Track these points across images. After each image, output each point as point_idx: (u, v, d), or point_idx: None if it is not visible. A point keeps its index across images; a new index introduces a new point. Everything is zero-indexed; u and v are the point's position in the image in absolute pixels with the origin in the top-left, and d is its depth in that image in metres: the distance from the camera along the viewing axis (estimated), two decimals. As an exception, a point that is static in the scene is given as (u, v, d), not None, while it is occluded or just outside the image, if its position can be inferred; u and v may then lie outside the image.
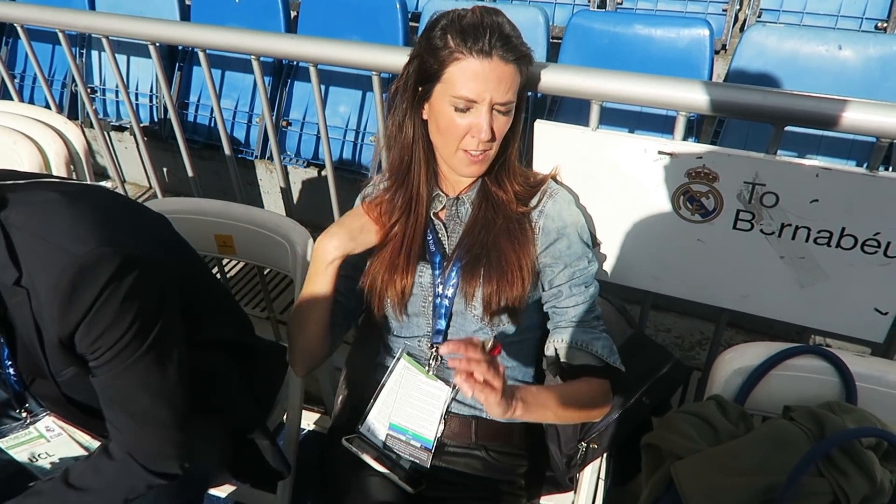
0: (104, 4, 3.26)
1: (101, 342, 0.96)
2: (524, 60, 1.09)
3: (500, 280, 1.15)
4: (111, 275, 0.93)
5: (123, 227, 1.02)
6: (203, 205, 1.61)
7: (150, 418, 1.06)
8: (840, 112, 1.08)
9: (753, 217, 1.23)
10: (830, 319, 1.30)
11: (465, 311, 1.19)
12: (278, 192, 3.05)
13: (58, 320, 0.93)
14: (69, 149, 1.97)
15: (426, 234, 1.22)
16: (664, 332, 2.35)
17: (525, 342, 1.26)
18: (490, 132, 1.09)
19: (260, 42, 1.58)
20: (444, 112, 1.10)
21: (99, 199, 1.05)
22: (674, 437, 1.08)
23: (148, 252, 1.01)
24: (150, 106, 3.27)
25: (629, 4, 3.09)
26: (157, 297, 1.02)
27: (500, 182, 1.20)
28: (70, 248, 0.92)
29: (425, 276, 1.21)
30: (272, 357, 1.48)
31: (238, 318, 1.40)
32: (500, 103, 1.08)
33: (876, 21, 2.70)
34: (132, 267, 0.95)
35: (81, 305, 0.92)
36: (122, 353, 0.98)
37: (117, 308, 0.95)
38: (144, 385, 1.03)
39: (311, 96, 2.93)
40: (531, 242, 1.18)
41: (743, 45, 2.12)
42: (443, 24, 1.08)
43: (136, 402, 1.04)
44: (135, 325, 0.97)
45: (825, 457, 0.95)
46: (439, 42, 1.07)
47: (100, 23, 1.78)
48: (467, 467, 1.24)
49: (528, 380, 1.30)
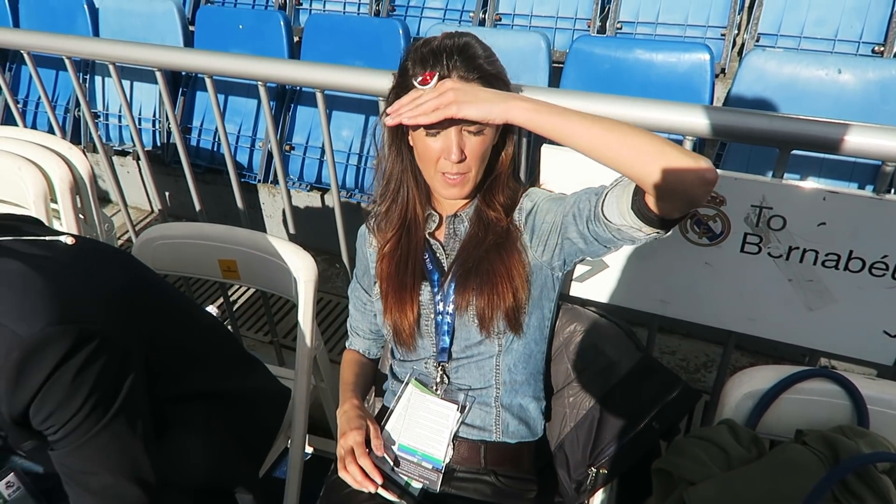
0: (108, 31, 3.29)
1: (53, 420, 0.92)
2: (490, 80, 1.09)
3: (490, 292, 1.17)
4: (62, 355, 0.89)
5: (79, 296, 0.97)
6: (207, 230, 1.61)
7: (112, 496, 1.01)
8: (848, 136, 1.09)
9: (761, 240, 1.23)
10: (839, 342, 1.30)
11: (467, 325, 1.21)
12: (280, 216, 3.06)
13: (6, 401, 0.90)
14: (74, 174, 1.97)
15: (423, 254, 1.25)
16: (669, 354, 2.34)
17: (532, 356, 1.26)
18: (460, 153, 1.10)
19: (268, 69, 1.59)
20: (419, 138, 1.13)
21: (57, 265, 1.00)
22: (686, 463, 1.07)
23: (107, 320, 0.97)
24: (152, 130, 3.29)
25: (629, 29, 3.13)
26: (115, 369, 0.98)
27: (489, 202, 1.22)
28: (15, 328, 0.88)
29: (425, 295, 1.23)
30: (265, 401, 1.45)
31: (224, 362, 1.36)
32: (469, 123, 1.08)
33: (872, 45, 2.73)
34: (85, 343, 0.92)
35: (30, 387, 0.89)
36: (78, 429, 0.94)
37: (68, 386, 0.91)
38: (104, 461, 0.99)
39: (313, 120, 2.96)
40: (521, 250, 1.19)
41: (743, 69, 2.14)
42: (410, 55, 1.12)
43: (97, 479, 0.99)
44: (89, 400, 0.93)
45: (840, 482, 0.94)
46: (406, 71, 1.11)
47: (108, 50, 1.80)
48: (476, 493, 1.23)
49: (537, 395, 1.29)
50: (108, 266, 1.11)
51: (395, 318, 1.24)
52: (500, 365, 1.22)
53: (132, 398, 1.01)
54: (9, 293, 0.91)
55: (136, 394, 1.01)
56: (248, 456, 1.39)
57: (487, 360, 1.22)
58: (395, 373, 1.35)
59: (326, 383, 1.71)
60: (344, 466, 1.17)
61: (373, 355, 1.46)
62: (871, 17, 2.72)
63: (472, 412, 1.24)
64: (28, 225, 1.08)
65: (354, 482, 1.15)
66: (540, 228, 1.18)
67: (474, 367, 1.23)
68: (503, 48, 2.57)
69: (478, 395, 1.24)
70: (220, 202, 2.96)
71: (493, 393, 1.24)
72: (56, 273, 0.97)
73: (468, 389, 1.24)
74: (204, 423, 1.24)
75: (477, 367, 1.23)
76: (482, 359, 1.22)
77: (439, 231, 1.28)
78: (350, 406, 1.27)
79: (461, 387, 1.25)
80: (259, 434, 1.44)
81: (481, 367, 1.23)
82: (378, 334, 1.43)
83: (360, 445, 1.18)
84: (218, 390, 1.29)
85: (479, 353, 1.22)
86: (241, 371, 1.39)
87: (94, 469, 0.98)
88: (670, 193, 0.91)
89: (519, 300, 1.17)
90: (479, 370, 1.23)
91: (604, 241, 1.07)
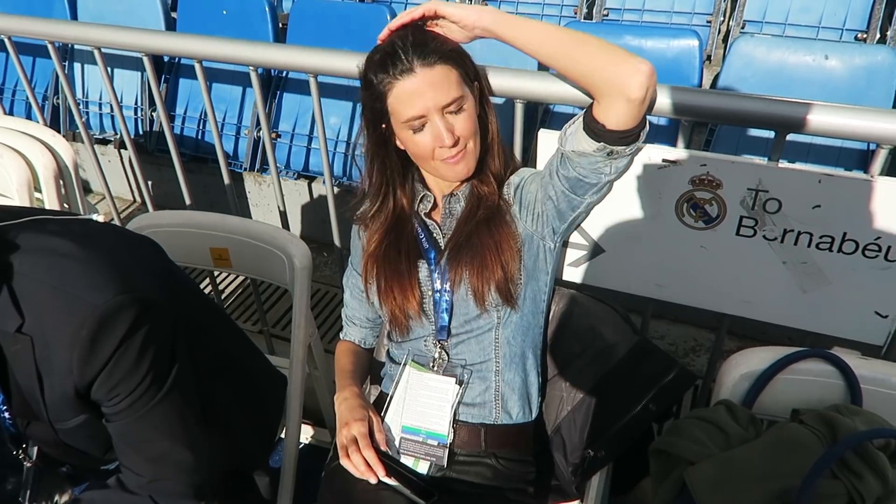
0: (87, 16, 3.22)
1: (120, 389, 0.96)
2: (450, 56, 1.13)
3: (480, 265, 1.19)
4: (130, 324, 0.92)
5: (133, 270, 1.01)
6: (198, 217, 1.59)
7: (169, 462, 1.05)
8: (845, 119, 1.11)
9: (756, 223, 1.24)
10: (831, 323, 1.31)
11: (464, 300, 1.22)
12: (267, 205, 3.04)
13: (76, 370, 0.92)
14: (58, 162, 1.94)
15: (417, 238, 1.27)
16: (658, 339, 2.36)
17: (530, 328, 1.28)
18: (452, 136, 1.13)
19: (262, 53, 1.57)
20: (407, 138, 1.15)
21: (104, 239, 1.03)
22: (685, 443, 1.08)
23: (157, 294, 1.00)
24: (134, 119, 3.24)
25: (615, 16, 3.13)
26: (170, 340, 1.02)
27: (483, 175, 1.25)
28: (87, 297, 0.91)
29: (423, 273, 1.25)
30: (269, 386, 1.47)
31: (234, 338, 1.39)
32: (446, 105, 1.12)
33: (856, 32, 2.76)
34: (147, 313, 0.95)
35: (102, 355, 0.92)
36: (141, 398, 0.98)
37: (136, 355, 0.94)
38: (164, 430, 1.03)
39: (300, 107, 2.93)
40: (509, 223, 1.22)
41: (731, 55, 2.16)
42: (367, 68, 1.14)
43: (155, 447, 1.03)
44: (151, 371, 0.97)
45: (839, 459, 0.96)
46: (371, 83, 1.13)
47: (94, 34, 1.76)
48: (478, 476, 1.24)
49: (535, 370, 1.31)
50: (143, 245, 1.15)
51: (393, 306, 1.26)
52: (500, 338, 1.24)
53: (185, 368, 1.05)
54: (74, 265, 0.93)
55: (186, 365, 1.06)
56: (261, 439, 1.41)
57: (486, 333, 1.24)
58: (392, 356, 1.36)
59: (320, 371, 1.70)
60: (346, 455, 1.17)
61: (368, 345, 1.46)
62: (854, 5, 2.76)
63: (472, 388, 1.26)
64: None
65: (357, 471, 1.15)
66: (526, 199, 1.22)
67: (474, 342, 1.25)
68: (493, 34, 2.52)
69: (476, 370, 1.25)
70: (206, 191, 2.93)
71: (493, 367, 1.25)
72: (108, 247, 1.00)
73: (466, 365, 1.26)
74: (225, 401, 1.26)
75: (477, 341, 1.25)
76: (481, 332, 1.24)
77: (436, 211, 1.30)
78: (350, 393, 1.27)
79: (460, 362, 1.26)
80: (267, 418, 1.45)
81: (481, 340, 1.24)
82: (374, 323, 1.43)
83: (364, 437, 1.18)
84: (232, 365, 1.32)
85: (478, 327, 1.24)
86: (247, 350, 1.41)
87: (154, 437, 1.02)
88: (606, 84, 1.02)
89: (509, 272, 1.20)
90: (478, 344, 1.25)
91: (573, 183, 1.14)
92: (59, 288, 0.92)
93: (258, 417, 1.40)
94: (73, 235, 0.98)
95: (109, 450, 1.13)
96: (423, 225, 1.28)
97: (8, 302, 0.91)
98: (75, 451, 1.14)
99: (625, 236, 1.36)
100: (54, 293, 0.92)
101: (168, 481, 1.06)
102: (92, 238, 1.00)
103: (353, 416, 1.21)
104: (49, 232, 0.98)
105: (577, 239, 1.40)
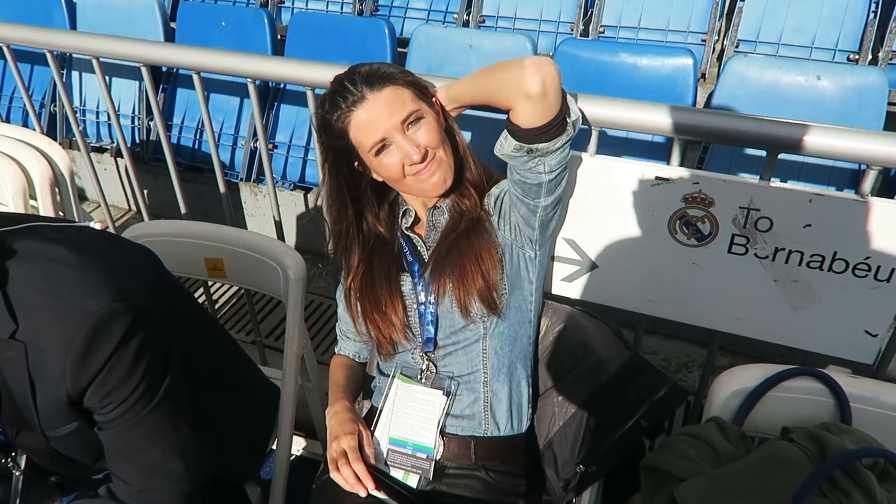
0: (86, 25, 3.23)
1: (113, 397, 0.96)
2: (397, 77, 1.16)
3: (461, 275, 1.20)
4: (125, 331, 0.92)
5: (128, 277, 1.01)
6: (193, 227, 1.59)
7: (160, 471, 1.04)
8: (835, 140, 1.12)
9: (748, 241, 1.25)
10: (822, 341, 1.32)
11: (449, 311, 1.23)
12: (263, 216, 3.04)
13: (70, 377, 0.92)
14: (54, 170, 1.94)
15: (398, 254, 1.28)
16: (651, 354, 2.36)
17: (518, 338, 1.28)
18: (419, 150, 1.14)
19: (260, 66, 1.57)
20: (378, 164, 1.17)
21: (99, 247, 1.03)
22: (675, 460, 1.08)
23: (152, 302, 1.00)
24: (131, 127, 3.24)
25: (611, 33, 3.16)
26: (164, 349, 1.01)
27: (462, 187, 1.27)
28: (82, 304, 0.91)
29: (406, 285, 1.26)
30: (261, 396, 1.47)
31: (229, 352, 1.39)
32: (404, 120, 1.14)
33: (848, 53, 2.80)
34: (142, 321, 0.95)
35: (96, 362, 0.92)
36: (134, 407, 0.98)
37: (130, 363, 0.94)
38: (155, 439, 1.02)
39: (297, 119, 2.94)
40: (490, 232, 1.24)
41: (725, 74, 2.18)
42: (322, 112, 1.18)
43: (146, 456, 1.03)
44: (145, 379, 0.97)
45: (827, 477, 0.96)
46: (329, 125, 1.16)
47: (92, 44, 1.76)
48: (468, 489, 1.24)
49: (525, 380, 1.31)
50: (138, 253, 1.15)
51: (378, 333, 1.28)
52: (487, 348, 1.25)
53: (177, 377, 1.04)
54: (70, 272, 0.93)
55: (179, 374, 1.05)
56: (252, 450, 1.41)
57: (474, 344, 1.24)
58: (381, 369, 1.36)
59: (313, 383, 1.70)
60: (336, 468, 1.16)
61: (363, 358, 1.46)
62: (846, 26, 2.79)
63: (461, 400, 1.26)
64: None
65: (347, 484, 1.15)
66: (503, 209, 1.24)
67: (461, 353, 1.25)
68: (489, 49, 2.58)
69: (465, 381, 1.26)
70: (202, 201, 2.93)
71: (481, 378, 1.25)
72: (103, 254, 1.00)
73: (454, 376, 1.26)
74: (218, 412, 1.26)
75: (464, 352, 1.25)
76: (468, 343, 1.24)
77: (419, 226, 1.31)
78: (341, 407, 1.28)
79: (448, 374, 1.26)
80: (259, 429, 1.45)
81: (468, 352, 1.25)
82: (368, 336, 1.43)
83: (354, 450, 1.18)
84: (225, 375, 1.32)
85: (465, 338, 1.24)
86: (240, 360, 1.41)
87: (145, 446, 1.02)
88: (509, 92, 1.07)
89: (490, 281, 1.21)
90: (465, 355, 1.25)
91: (521, 188, 1.16)
92: (53, 294, 0.91)
93: (250, 428, 1.40)
94: (69, 243, 0.98)
95: (100, 458, 1.12)
96: (406, 239, 1.30)
97: (2, 307, 0.90)
98: (66, 460, 1.13)
99: (617, 252, 1.37)
100: (49, 299, 0.91)
101: (158, 491, 1.06)
102: (88, 245, 1.01)
103: (343, 430, 1.21)
104: (45, 239, 0.98)
105: (569, 254, 1.41)
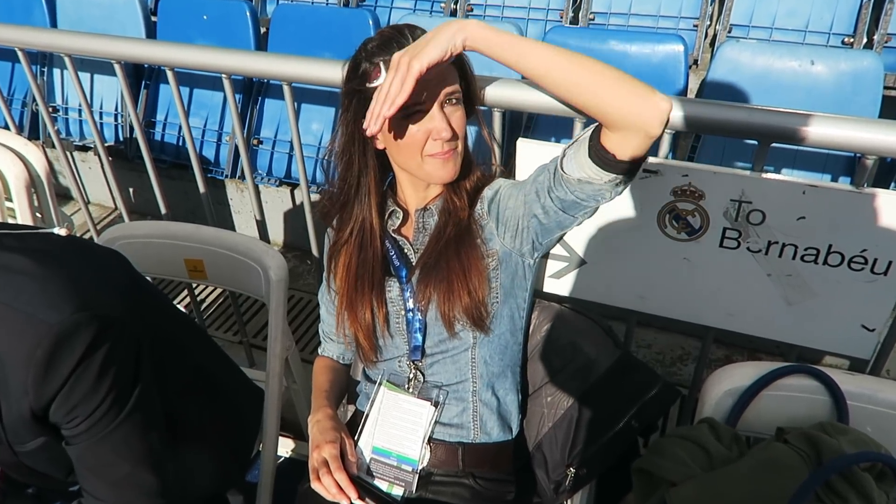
0: (66, 22, 3.17)
1: (78, 411, 0.92)
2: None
3: (447, 290, 1.14)
4: (89, 342, 0.88)
5: (93, 286, 0.96)
6: (172, 228, 1.55)
7: (132, 485, 1.02)
8: (829, 129, 1.08)
9: (740, 235, 1.21)
10: (817, 337, 1.29)
11: (435, 321, 1.18)
12: (249, 212, 2.99)
13: (32, 392, 0.88)
14: (30, 171, 1.90)
15: (385, 257, 1.21)
16: (644, 347, 2.33)
17: (508, 347, 1.23)
18: (450, 129, 1.07)
19: (233, 61, 1.52)
20: (400, 127, 1.08)
21: (63, 254, 0.99)
22: (667, 463, 1.05)
23: (119, 310, 0.96)
24: (115, 125, 3.19)
25: (601, 20, 3.11)
26: (133, 359, 0.97)
27: (457, 188, 1.19)
28: (43, 316, 0.87)
29: (394, 292, 1.21)
30: (245, 400, 1.43)
31: (208, 352, 1.35)
32: (449, 93, 1.06)
33: (842, 36, 2.75)
34: (107, 331, 0.91)
35: (59, 376, 0.88)
36: (101, 421, 0.94)
37: (95, 376, 0.90)
38: (124, 453, 0.99)
39: (282, 114, 2.89)
40: (479, 245, 1.16)
41: (717, 60, 2.13)
42: (361, 55, 1.07)
43: (116, 470, 1.00)
44: (112, 392, 0.93)
45: (824, 482, 0.93)
46: (367, 68, 1.06)
47: (64, 41, 1.71)
48: (455, 497, 1.20)
49: (514, 388, 1.27)
50: (107, 259, 1.10)
51: (363, 336, 1.23)
52: (476, 357, 1.20)
53: (148, 387, 1.01)
54: (30, 282, 0.89)
55: (151, 384, 1.02)
56: (236, 455, 1.38)
57: (463, 353, 1.20)
58: (368, 375, 1.32)
59: (299, 384, 1.66)
60: (317, 478, 1.13)
61: (346, 360, 1.42)
62: (840, 9, 2.74)
63: (449, 409, 1.22)
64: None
65: (328, 494, 1.11)
66: (504, 214, 1.16)
67: (449, 362, 1.21)
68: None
69: (453, 391, 1.22)
70: (187, 198, 2.88)
71: (470, 387, 1.21)
72: (67, 263, 0.96)
73: (443, 385, 1.22)
74: (198, 419, 1.23)
75: (452, 361, 1.21)
76: (457, 352, 1.20)
77: (406, 227, 1.24)
78: (323, 415, 1.23)
79: (436, 383, 1.22)
80: (243, 433, 1.42)
81: (457, 360, 1.20)
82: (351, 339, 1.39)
83: (335, 459, 1.14)
84: (206, 380, 1.28)
85: (454, 346, 1.20)
86: (222, 363, 1.38)
87: (114, 461, 0.99)
88: (624, 121, 0.92)
89: (476, 298, 1.14)
90: (454, 364, 1.21)
91: (568, 205, 1.05)
92: (13, 306, 0.87)
93: (234, 433, 1.37)
94: (30, 251, 0.94)
95: (72, 472, 1.09)
96: (392, 242, 1.23)
97: None
98: (37, 474, 1.10)
99: (606, 248, 1.33)
100: (8, 312, 0.87)
101: None
102: (50, 254, 0.96)
103: (325, 439, 1.17)
104: (4, 248, 0.94)
105: (558, 250, 1.37)
